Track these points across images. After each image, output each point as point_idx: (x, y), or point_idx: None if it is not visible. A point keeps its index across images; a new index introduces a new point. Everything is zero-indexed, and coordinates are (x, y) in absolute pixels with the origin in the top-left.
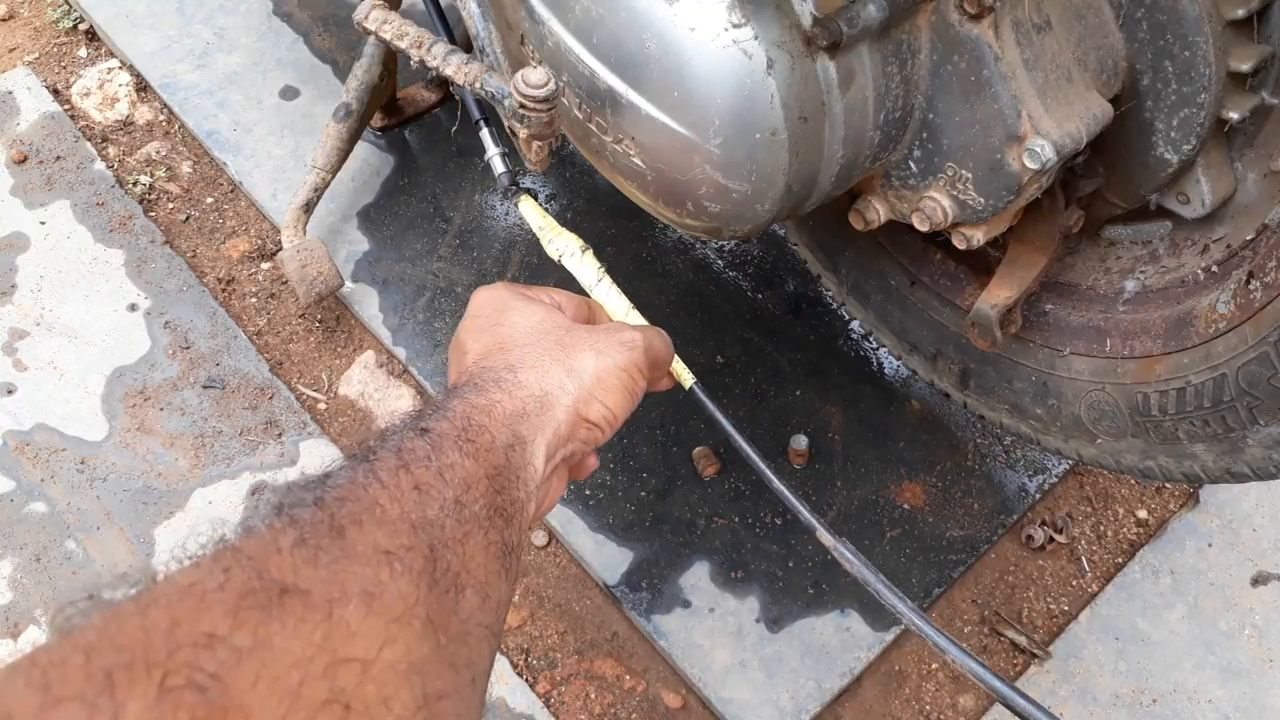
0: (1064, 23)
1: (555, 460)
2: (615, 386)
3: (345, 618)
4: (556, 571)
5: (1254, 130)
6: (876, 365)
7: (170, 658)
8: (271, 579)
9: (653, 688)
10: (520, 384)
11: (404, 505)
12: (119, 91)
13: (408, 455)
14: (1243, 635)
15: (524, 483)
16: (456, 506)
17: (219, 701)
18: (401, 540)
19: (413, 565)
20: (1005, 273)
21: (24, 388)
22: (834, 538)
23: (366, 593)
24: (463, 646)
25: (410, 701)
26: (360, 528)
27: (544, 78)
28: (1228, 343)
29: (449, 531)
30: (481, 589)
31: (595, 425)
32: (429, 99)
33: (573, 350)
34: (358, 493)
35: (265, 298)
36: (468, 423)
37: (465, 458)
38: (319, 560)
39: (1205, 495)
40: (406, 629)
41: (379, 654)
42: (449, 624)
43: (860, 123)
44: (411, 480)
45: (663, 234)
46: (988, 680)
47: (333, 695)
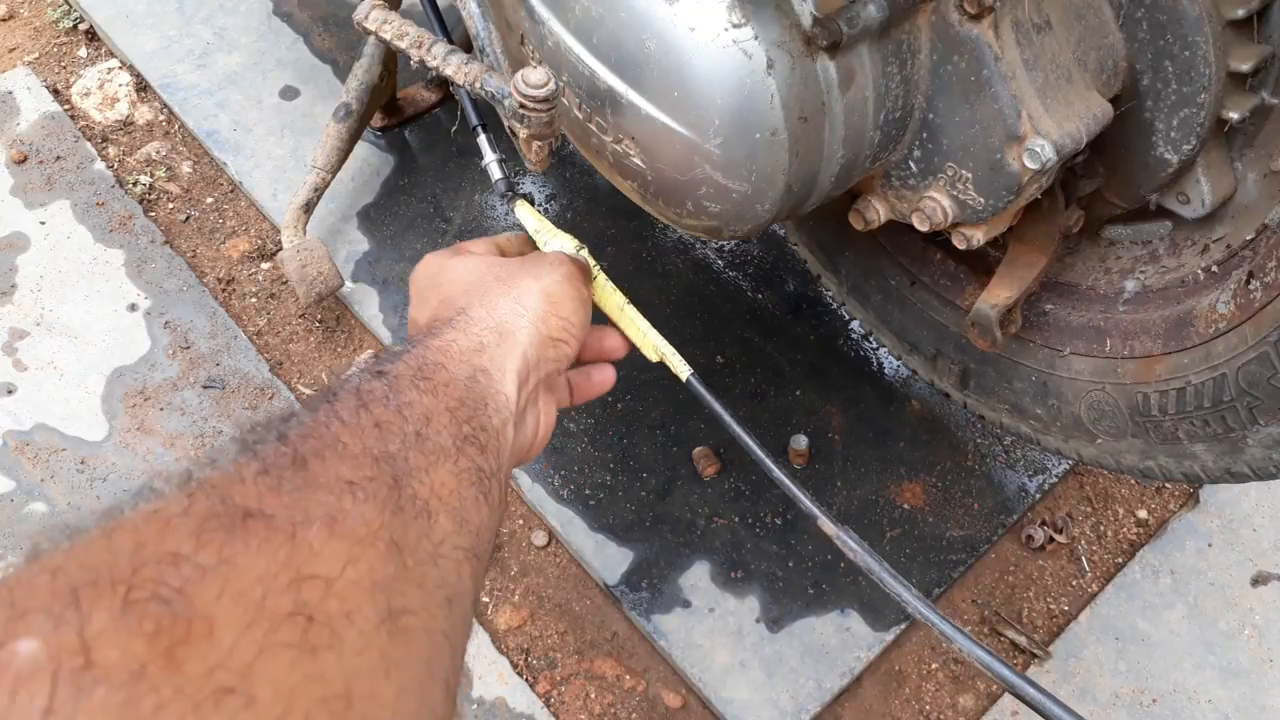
0: (1064, 23)
1: (530, 385)
2: (563, 298)
3: (308, 539)
4: (556, 571)
5: (1254, 130)
6: (876, 365)
7: (135, 574)
8: (235, 504)
9: (653, 688)
10: (473, 320)
11: (365, 440)
12: (119, 91)
13: (366, 396)
14: (1243, 635)
15: (495, 411)
16: (418, 439)
17: (183, 612)
18: (364, 472)
19: (376, 493)
20: (1005, 273)
21: (24, 388)
22: (836, 526)
23: (329, 516)
24: (433, 568)
25: (373, 615)
26: (322, 460)
27: (544, 78)
28: (1228, 343)
29: (413, 462)
30: (456, 514)
31: (559, 340)
32: (429, 99)
33: (513, 281)
34: (319, 430)
35: (265, 298)
36: (423, 362)
37: (423, 395)
38: (282, 488)
39: (1205, 495)
40: (370, 550)
41: (342, 572)
42: (418, 546)
43: (860, 123)
44: (371, 418)
45: (663, 234)
46: (995, 668)
47: (296, 608)
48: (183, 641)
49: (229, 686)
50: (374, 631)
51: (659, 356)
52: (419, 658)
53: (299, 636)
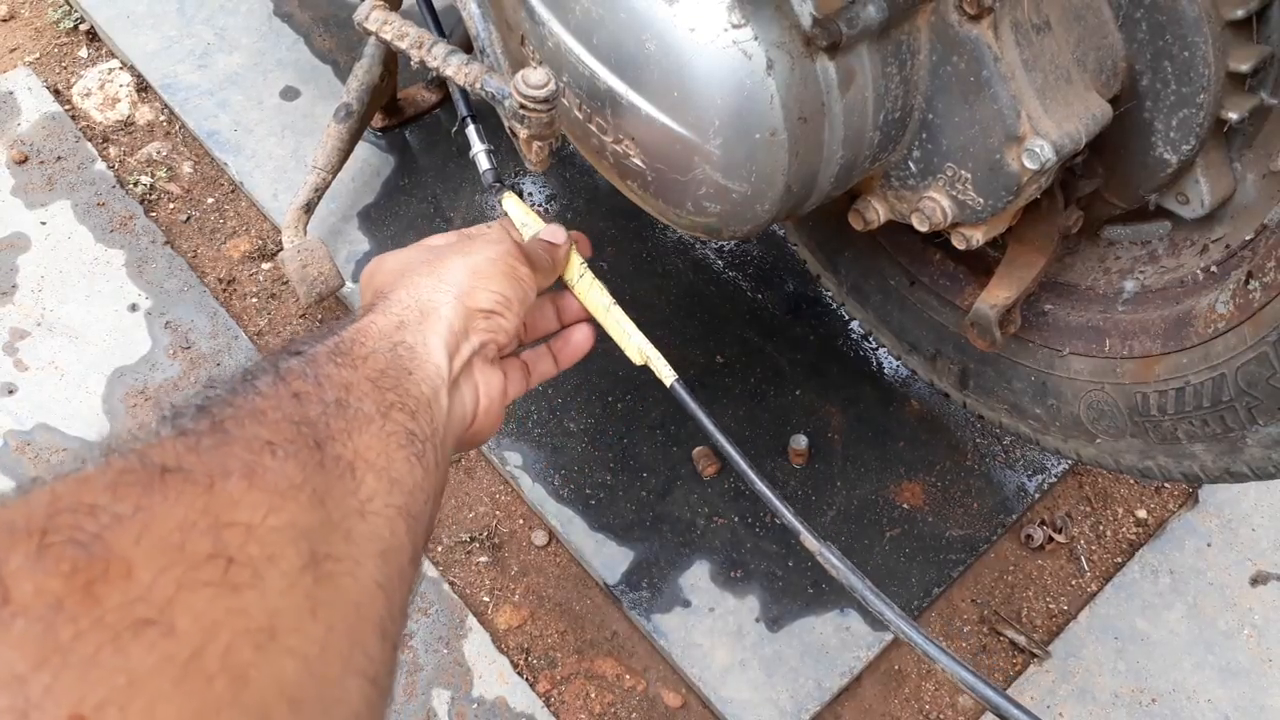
0: (1063, 23)
1: (463, 354)
2: (493, 274)
3: (227, 489)
4: (556, 571)
5: (1253, 130)
6: (876, 365)
7: (50, 520)
8: (152, 461)
9: (653, 687)
10: (393, 302)
11: (284, 409)
12: (120, 92)
13: (284, 371)
14: (1242, 635)
15: (424, 379)
16: (338, 406)
17: (100, 554)
18: (284, 434)
19: (297, 454)
20: (1004, 273)
21: (25, 388)
22: (819, 542)
23: (248, 469)
24: (361, 522)
25: (296, 559)
26: (241, 425)
27: (544, 78)
28: (1227, 343)
29: (334, 426)
30: (384, 474)
31: (491, 312)
32: (429, 99)
33: (440, 263)
34: (238, 400)
35: (266, 298)
36: (340, 340)
37: (341, 368)
38: (199, 447)
39: (1204, 495)
40: (291, 501)
41: (263, 520)
42: (343, 501)
43: (860, 123)
44: (289, 389)
45: (663, 234)
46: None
47: (216, 551)
48: (100, 579)
49: (148, 618)
50: (297, 574)
51: (644, 360)
52: (348, 600)
53: (219, 575)
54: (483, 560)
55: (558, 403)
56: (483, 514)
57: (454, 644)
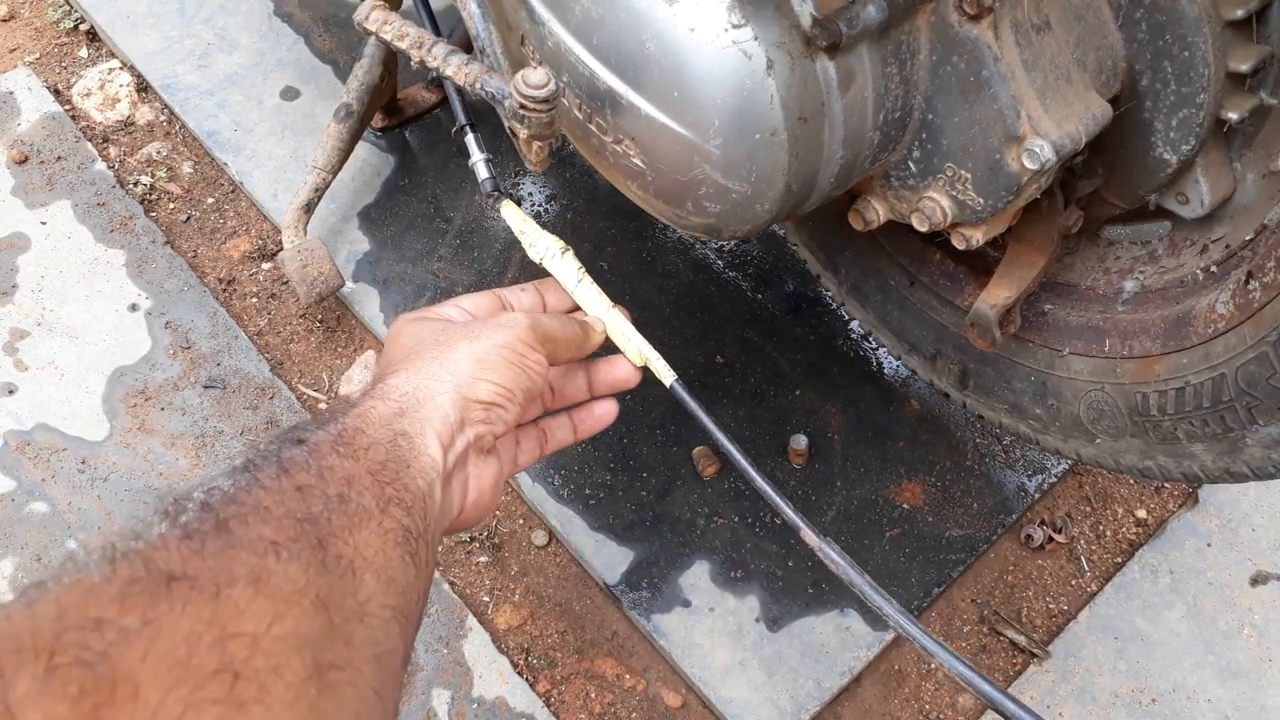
0: (1063, 23)
1: (458, 447)
2: (497, 363)
3: (233, 598)
4: (556, 571)
5: (1253, 130)
6: (876, 365)
7: (58, 639)
8: (158, 569)
9: (653, 687)
10: (392, 388)
11: (288, 504)
12: (120, 92)
13: (287, 462)
14: (1242, 635)
15: (420, 472)
16: (340, 501)
17: (107, 675)
18: (287, 533)
19: (300, 553)
20: (1004, 273)
21: (25, 387)
22: (819, 538)
23: (253, 575)
24: (360, 625)
25: (300, 670)
26: (245, 524)
27: (544, 78)
28: (1227, 343)
29: (336, 523)
30: (382, 573)
31: (491, 404)
32: (429, 100)
33: (446, 346)
34: (241, 496)
35: (266, 298)
36: (343, 429)
37: (344, 459)
38: (205, 550)
39: (1204, 495)
40: (295, 607)
41: (269, 629)
42: (344, 604)
43: (860, 123)
44: (293, 483)
45: (663, 234)
46: (976, 683)
47: (222, 665)
48: (107, 703)
49: None
50: (302, 686)
51: (644, 361)
52: (349, 712)
53: (225, 692)
54: (483, 560)
55: None
56: None
57: (454, 644)
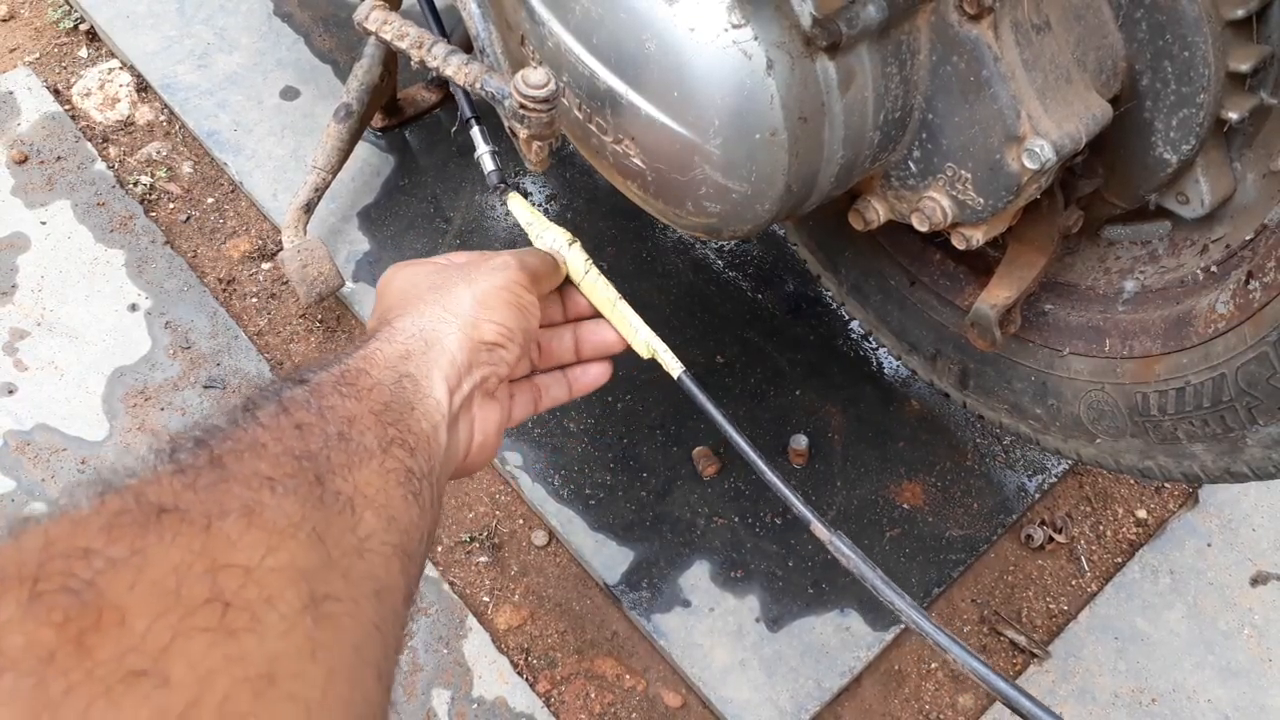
0: (1063, 23)
1: (464, 389)
2: (498, 304)
3: (225, 530)
4: (556, 571)
5: (1253, 130)
6: (876, 365)
7: (42, 568)
8: (148, 501)
9: (653, 687)
10: (398, 330)
11: (285, 441)
12: (120, 92)
13: (287, 401)
14: (1242, 635)
15: (423, 415)
16: (340, 439)
17: (93, 602)
18: (284, 469)
19: (297, 489)
20: (1004, 273)
21: (25, 387)
22: (830, 531)
23: (247, 508)
24: (359, 560)
25: (295, 600)
26: (240, 460)
27: (544, 78)
28: (1227, 343)
29: (335, 460)
30: (383, 511)
31: (495, 344)
32: (429, 99)
33: (446, 288)
34: (238, 433)
35: (266, 298)
36: (346, 369)
37: (345, 399)
38: (197, 484)
39: (1204, 495)
40: (290, 540)
41: (261, 560)
42: (342, 539)
43: (860, 123)
44: (292, 420)
45: (663, 234)
46: (988, 678)
47: (213, 595)
48: (93, 629)
49: (141, 669)
50: (297, 616)
51: (651, 353)
52: (347, 642)
53: (216, 620)
54: (483, 560)
55: None
56: (483, 514)
57: (454, 644)
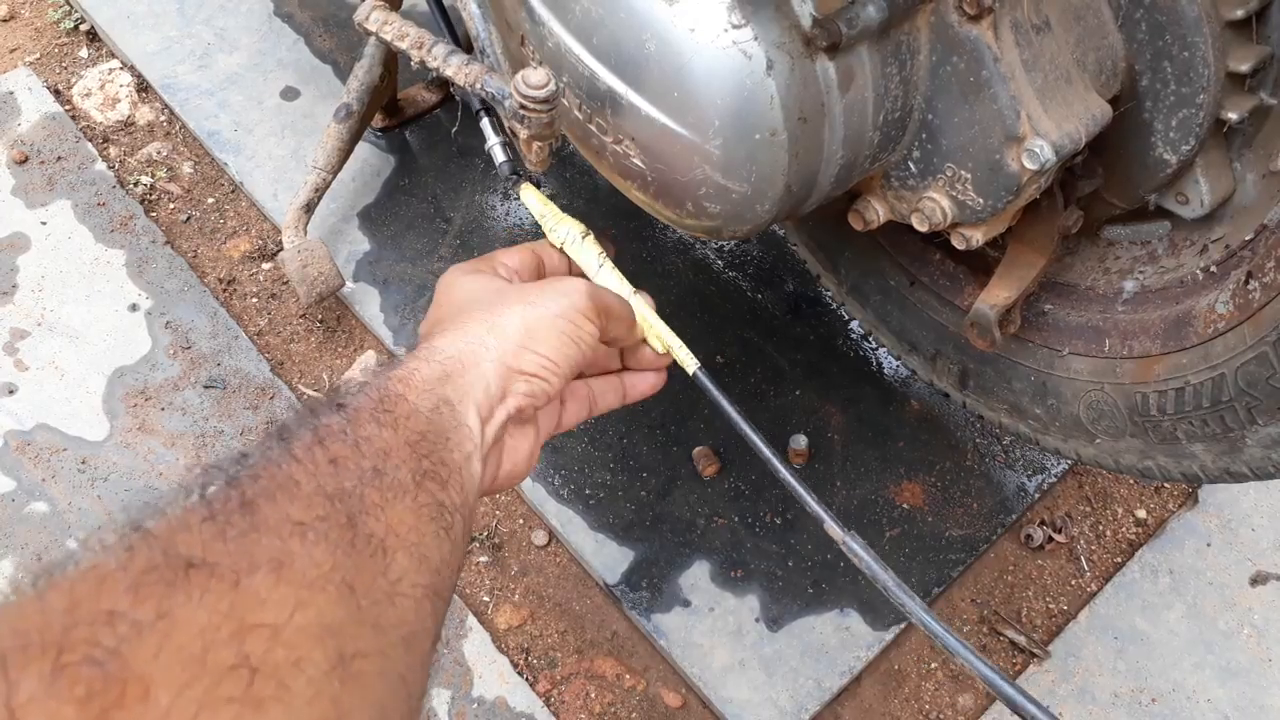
0: (1063, 23)
1: (496, 419)
2: (548, 334)
3: (254, 586)
4: (556, 571)
5: (1253, 131)
6: (876, 365)
7: (66, 635)
8: (177, 554)
9: (652, 687)
10: (437, 349)
11: (319, 479)
12: (120, 92)
13: (323, 431)
14: (1241, 635)
15: (456, 445)
16: (375, 475)
17: (117, 674)
18: (316, 511)
19: (328, 534)
20: (1004, 273)
21: (25, 387)
22: (843, 530)
23: (276, 561)
24: (390, 607)
25: (323, 662)
26: (273, 502)
27: (544, 78)
28: (1226, 343)
29: (369, 499)
30: (414, 551)
31: (534, 375)
32: (429, 100)
33: (500, 307)
34: (271, 470)
35: (266, 298)
36: (384, 393)
37: (383, 428)
38: (227, 534)
39: (1204, 495)
40: (320, 594)
41: (290, 618)
42: (373, 586)
43: (860, 123)
44: (327, 454)
45: (663, 234)
46: (999, 685)
47: (239, 660)
48: (116, 705)
49: None
50: (324, 679)
51: (666, 349)
52: (372, 703)
53: (242, 690)
54: (483, 560)
55: None
56: (483, 514)
57: (454, 644)
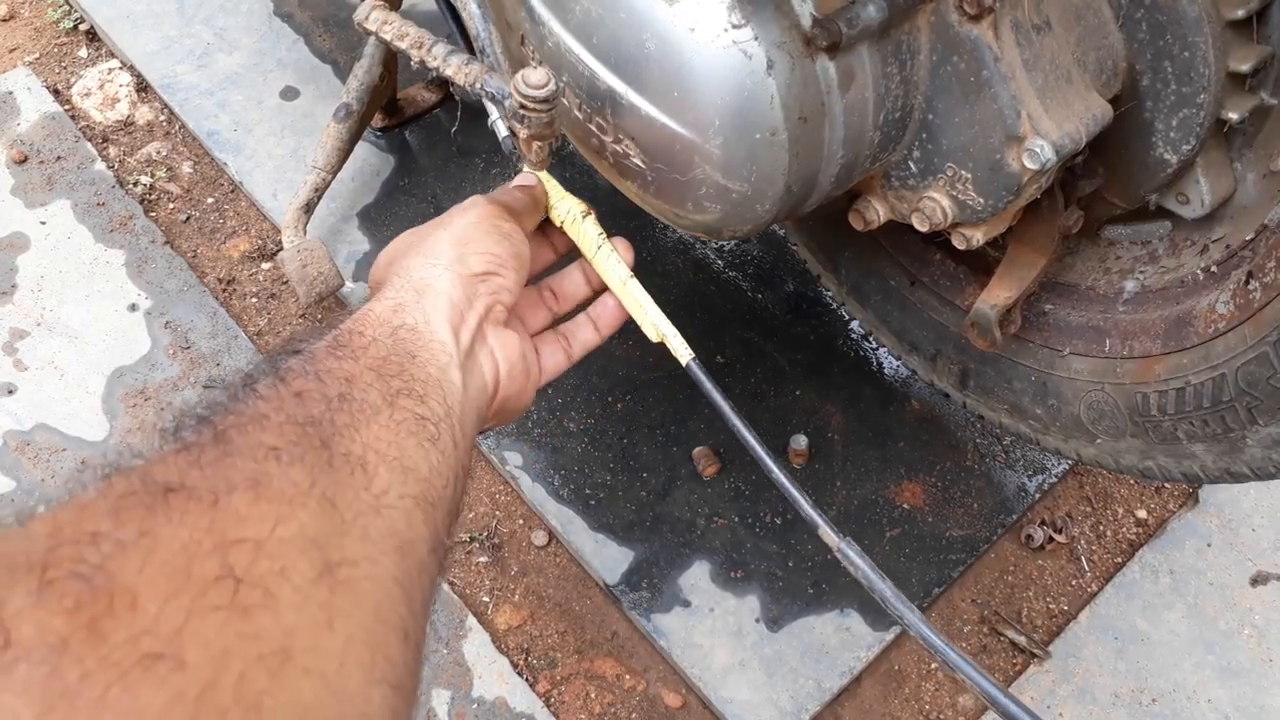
0: (1063, 23)
1: (470, 324)
2: (478, 236)
3: (232, 505)
4: (556, 571)
5: (1253, 130)
6: (876, 365)
7: (51, 554)
8: (154, 481)
9: (652, 687)
10: (388, 288)
11: (287, 410)
12: (119, 92)
13: (284, 371)
14: (1242, 635)
15: (429, 360)
16: (342, 400)
17: (104, 586)
18: (289, 437)
19: (303, 456)
20: (1005, 273)
21: (25, 388)
22: (839, 537)
23: (253, 481)
24: (377, 518)
25: (309, 570)
26: (244, 432)
27: (544, 78)
28: (1227, 343)
29: (340, 422)
30: (396, 464)
31: (487, 273)
32: (429, 99)
33: (427, 240)
34: (239, 407)
35: (266, 298)
36: (339, 333)
37: (342, 361)
38: (201, 461)
39: (1204, 495)
40: (301, 509)
41: (272, 532)
42: (356, 500)
43: (860, 123)
44: (290, 389)
45: (663, 234)
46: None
47: (224, 572)
48: (105, 614)
49: (157, 652)
50: (311, 586)
51: (660, 337)
52: (366, 606)
53: (229, 598)
54: (483, 560)
55: (558, 403)
56: (483, 514)
57: (454, 644)
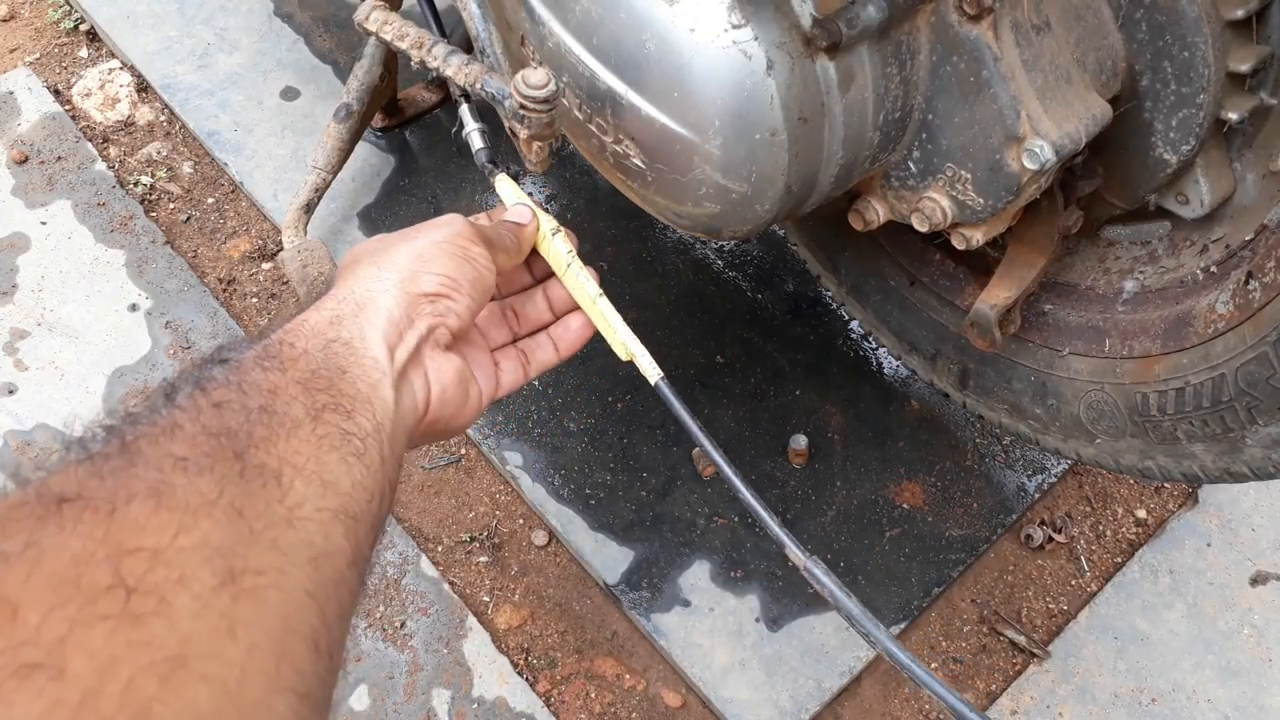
0: (1063, 23)
1: (407, 343)
2: (438, 255)
3: (130, 514)
4: (556, 571)
5: (1253, 131)
6: (876, 365)
7: None
8: (49, 492)
9: (652, 687)
10: (330, 297)
11: (203, 420)
12: (120, 92)
13: (205, 381)
14: (1241, 635)
15: (359, 377)
16: (263, 413)
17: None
18: (201, 448)
19: (213, 467)
20: (1004, 273)
21: (25, 388)
22: (805, 556)
23: (155, 490)
24: (289, 530)
25: (210, 579)
26: (154, 444)
27: (544, 78)
28: (1227, 343)
29: (257, 435)
30: (315, 478)
31: (437, 295)
32: (429, 100)
33: (386, 251)
34: (153, 417)
35: (266, 298)
36: (269, 343)
37: (268, 372)
38: (103, 471)
39: (1204, 495)
40: (205, 519)
41: (172, 541)
42: (267, 511)
43: (860, 123)
44: (210, 400)
45: (663, 234)
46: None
47: (115, 581)
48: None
49: (35, 662)
50: (211, 594)
51: (629, 356)
52: (272, 615)
53: (119, 607)
54: (483, 560)
55: (558, 403)
56: (483, 514)
57: (454, 644)
